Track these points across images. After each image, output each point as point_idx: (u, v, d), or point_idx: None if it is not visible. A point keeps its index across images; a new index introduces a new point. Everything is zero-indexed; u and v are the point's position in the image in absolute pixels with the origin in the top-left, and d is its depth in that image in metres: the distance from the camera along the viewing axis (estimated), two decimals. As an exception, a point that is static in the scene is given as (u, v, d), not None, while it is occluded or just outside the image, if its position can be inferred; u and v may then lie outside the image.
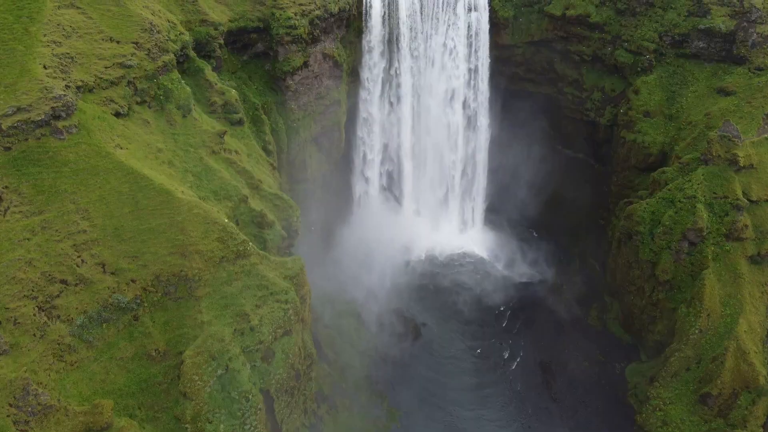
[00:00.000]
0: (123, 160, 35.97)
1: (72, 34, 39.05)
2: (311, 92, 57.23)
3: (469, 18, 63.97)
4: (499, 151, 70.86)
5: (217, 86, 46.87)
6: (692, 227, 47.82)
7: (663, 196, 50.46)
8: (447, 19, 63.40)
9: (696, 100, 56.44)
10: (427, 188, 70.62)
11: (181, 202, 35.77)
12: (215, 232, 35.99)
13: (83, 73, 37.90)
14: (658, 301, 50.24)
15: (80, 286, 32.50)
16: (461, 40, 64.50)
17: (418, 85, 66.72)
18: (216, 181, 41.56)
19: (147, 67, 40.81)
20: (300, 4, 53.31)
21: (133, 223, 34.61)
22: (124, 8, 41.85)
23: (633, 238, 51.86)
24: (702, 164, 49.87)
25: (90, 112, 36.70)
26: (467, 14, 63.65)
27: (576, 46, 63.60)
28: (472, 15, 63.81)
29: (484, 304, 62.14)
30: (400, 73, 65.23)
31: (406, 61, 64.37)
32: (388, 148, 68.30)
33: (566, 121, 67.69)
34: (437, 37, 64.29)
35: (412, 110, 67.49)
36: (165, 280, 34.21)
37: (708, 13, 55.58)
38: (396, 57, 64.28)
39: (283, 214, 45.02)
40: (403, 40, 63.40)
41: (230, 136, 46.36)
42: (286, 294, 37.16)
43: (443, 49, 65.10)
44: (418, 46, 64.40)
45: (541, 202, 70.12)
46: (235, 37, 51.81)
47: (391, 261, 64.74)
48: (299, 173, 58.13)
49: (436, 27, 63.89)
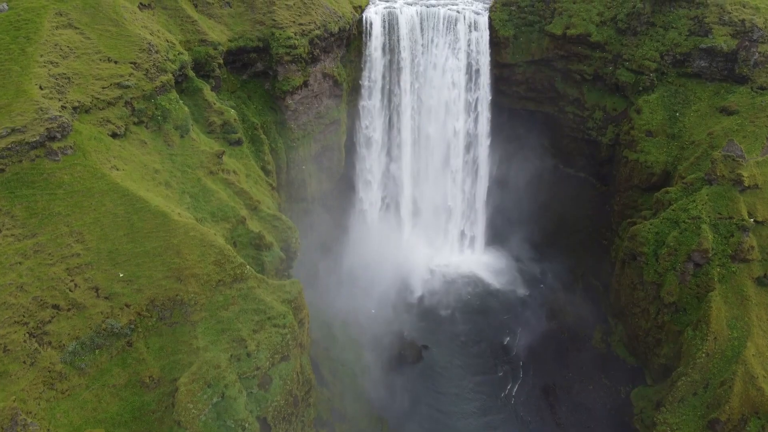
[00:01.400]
0: (119, 181, 35.36)
1: (69, 55, 38.70)
2: (311, 111, 56.87)
3: (470, 37, 63.89)
4: (499, 169, 70.44)
5: (215, 106, 46.47)
6: (697, 248, 47.04)
7: (667, 216, 49.75)
8: (447, 38, 63.30)
9: (698, 119, 56.01)
10: (427, 207, 69.97)
11: (177, 224, 35.08)
12: (212, 255, 35.25)
13: (80, 93, 37.46)
14: (664, 323, 49.29)
15: (73, 311, 31.69)
16: (462, 59, 64.34)
17: (418, 104, 66.45)
18: (214, 202, 40.95)
19: (145, 87, 40.41)
20: (300, 24, 53.12)
21: (127, 246, 33.89)
22: (122, 28, 41.57)
23: (637, 259, 51.06)
24: (706, 184, 49.25)
25: (86, 132, 36.18)
26: (468, 33, 63.56)
27: (577, 65, 63.35)
28: (473, 34, 63.72)
29: (486, 326, 61.17)
30: (401, 92, 64.98)
31: (407, 80, 64.15)
32: (388, 167, 67.83)
33: (567, 140, 67.25)
34: (438, 57, 64.13)
35: (413, 129, 67.14)
36: (160, 304, 33.40)
37: (709, 32, 55.35)
38: (396, 76, 64.07)
39: (281, 235, 44.32)
40: (404, 60, 63.26)
41: (228, 157, 45.89)
42: (284, 318, 36.31)
43: (443, 68, 64.91)
44: (418, 65, 64.24)
45: (543, 221, 69.48)
46: (235, 56, 51.53)
47: (391, 281, 63.88)
48: (298, 193, 57.57)
49: (437, 46, 63.76)
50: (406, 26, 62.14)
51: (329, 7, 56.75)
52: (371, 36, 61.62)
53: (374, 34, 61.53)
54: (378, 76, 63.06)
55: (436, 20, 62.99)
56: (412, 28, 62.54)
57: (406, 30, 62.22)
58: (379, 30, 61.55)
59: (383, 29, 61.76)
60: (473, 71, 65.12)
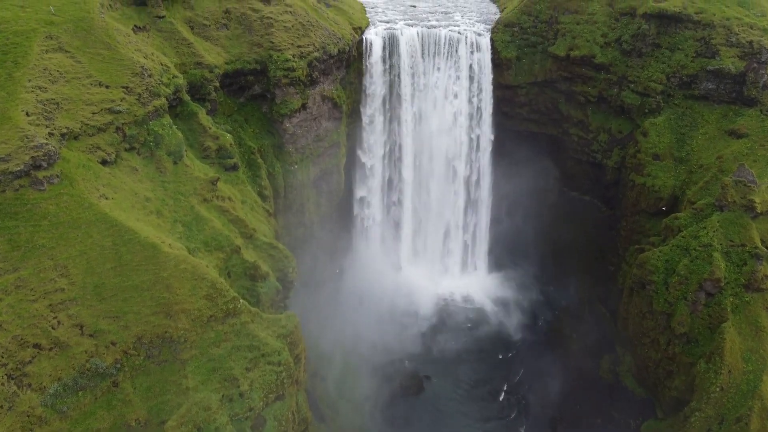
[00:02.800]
0: (107, 211, 33.87)
1: (59, 79, 37.42)
2: (309, 134, 55.54)
3: (472, 58, 62.78)
4: (502, 192, 68.88)
5: (211, 130, 45.12)
6: (709, 277, 45.37)
7: (677, 243, 48.16)
8: (449, 59, 62.22)
9: (707, 142, 54.66)
10: (428, 231, 68.41)
11: (168, 256, 33.51)
12: (203, 288, 33.64)
13: (69, 119, 36.10)
14: (675, 354, 47.46)
15: (55, 350, 30.03)
16: (463, 80, 63.18)
17: (419, 126, 65.15)
18: (207, 231, 39.41)
19: (137, 113, 39.08)
20: (298, 46, 51.99)
21: (115, 280, 32.31)
22: (114, 52, 40.35)
23: (646, 287, 49.37)
24: (717, 210, 47.71)
25: (74, 160, 34.77)
26: (469, 55, 62.45)
27: (581, 87, 62.15)
28: (475, 55, 62.61)
29: (489, 355, 59.24)
30: (401, 114, 63.75)
31: (407, 101, 62.96)
32: (388, 190, 66.41)
33: (572, 163, 65.87)
34: (439, 78, 62.99)
35: (413, 151, 65.77)
36: (148, 342, 31.73)
37: (717, 54, 54.20)
38: (397, 98, 62.90)
39: (278, 264, 42.74)
40: (404, 81, 62.12)
41: (224, 183, 44.42)
42: (279, 355, 34.59)
43: (445, 89, 63.76)
44: (419, 86, 63.09)
45: (547, 245, 67.84)
46: (232, 79, 50.30)
47: (391, 308, 62.10)
48: (297, 218, 56.03)
49: (438, 68, 62.64)
50: (406, 48, 61.09)
51: (328, 28, 55.71)
52: (371, 58, 60.54)
53: (374, 55, 60.45)
54: (378, 98, 61.90)
55: (438, 41, 61.92)
56: (412, 49, 61.48)
57: (406, 51, 61.16)
58: (380, 51, 60.49)
59: (383, 51, 60.70)
60: (475, 93, 63.93)
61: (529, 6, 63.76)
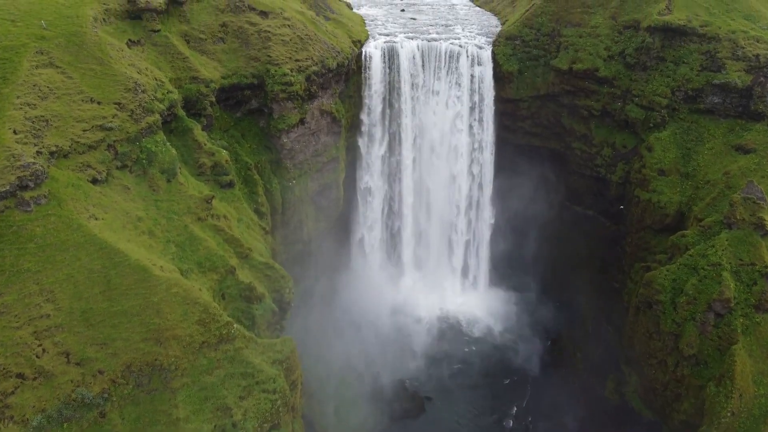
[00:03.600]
0: (96, 232, 32.66)
1: (49, 95, 36.34)
2: (308, 149, 54.44)
3: (473, 71, 61.91)
4: (504, 206, 67.79)
5: (206, 147, 44.02)
6: (718, 298, 44.06)
7: (684, 262, 46.89)
8: (450, 73, 61.31)
9: (713, 157, 53.53)
10: (428, 246, 67.25)
11: (159, 280, 32.26)
12: (195, 313, 32.35)
13: (58, 137, 34.98)
14: (683, 376, 46.05)
15: (39, 380, 28.71)
16: (464, 94, 62.30)
17: (420, 140, 64.25)
18: (201, 251, 38.17)
19: (129, 129, 37.96)
20: (296, 60, 51.01)
21: (103, 305, 31.03)
22: (107, 67, 39.30)
23: (653, 307, 48.04)
24: (725, 228, 46.49)
25: (63, 179, 33.61)
26: (470, 68, 61.58)
27: (584, 101, 61.13)
28: (476, 69, 61.73)
29: (491, 374, 57.86)
30: (401, 128, 62.83)
31: (408, 115, 62.02)
32: (388, 205, 65.30)
33: (575, 177, 64.71)
34: (440, 92, 62.10)
35: (414, 165, 64.78)
36: (137, 370, 30.40)
37: (723, 67, 53.20)
38: (397, 111, 62.00)
39: (274, 285, 41.46)
40: (405, 95, 61.23)
41: (219, 200, 43.27)
42: (274, 382, 33.24)
43: (446, 103, 62.84)
44: (419, 100, 62.17)
45: (550, 261, 66.62)
46: (228, 93, 49.27)
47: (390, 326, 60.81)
48: (294, 234, 54.82)
49: (439, 81, 61.76)
50: (406, 61, 60.23)
51: (327, 42, 54.77)
52: (371, 71, 59.65)
53: (374, 69, 59.57)
54: (378, 112, 60.99)
55: (438, 54, 61.09)
56: (413, 62, 60.63)
57: (406, 64, 60.30)
58: (379, 65, 59.62)
59: (383, 64, 59.85)
60: (476, 106, 63.00)
61: (531, 19, 62.93)
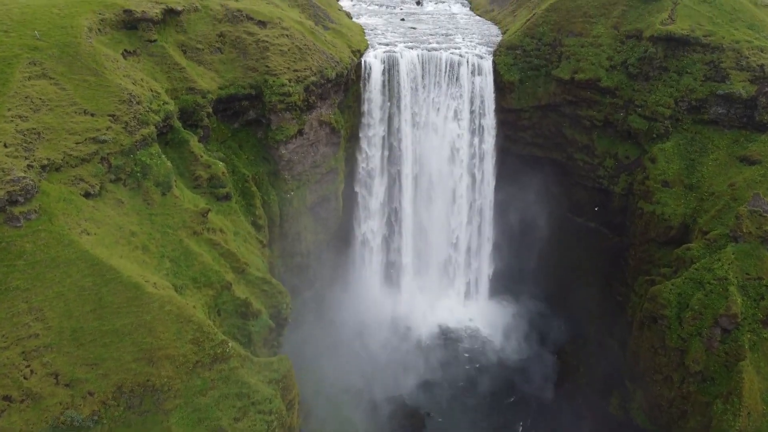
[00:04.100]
0: (88, 248, 31.80)
1: (41, 107, 35.62)
2: (306, 161, 53.65)
3: (473, 81, 61.25)
4: (505, 218, 66.94)
5: (202, 159, 43.20)
6: (725, 313, 43.17)
7: (690, 276, 46.02)
8: (450, 83, 60.65)
9: (717, 169, 52.74)
10: (428, 257, 66.33)
11: (152, 297, 31.37)
12: (189, 332, 31.44)
13: (50, 150, 34.20)
14: (689, 393, 45.08)
15: (27, 402, 27.77)
16: (465, 104, 61.62)
17: (419, 150, 63.47)
18: (196, 266, 37.28)
19: (123, 142, 37.16)
20: (295, 70, 50.30)
21: (94, 323, 30.13)
22: (102, 78, 38.57)
23: (658, 321, 47.14)
24: (731, 241, 45.67)
25: (54, 194, 32.79)
26: (471, 78, 60.92)
27: (586, 111, 60.41)
28: (476, 79, 61.07)
29: (493, 389, 56.76)
30: (401, 138, 62.08)
31: (408, 125, 61.31)
32: (387, 215, 64.46)
33: (577, 188, 63.92)
34: (440, 102, 61.42)
35: (414, 175, 63.97)
36: (128, 391, 29.45)
37: (727, 78, 52.52)
38: (396, 121, 61.27)
39: (271, 300, 40.57)
40: (404, 104, 60.54)
41: (215, 213, 42.41)
42: (270, 403, 32.29)
43: (446, 113, 62.14)
44: (419, 110, 61.48)
45: (552, 273, 65.68)
46: (225, 104, 48.52)
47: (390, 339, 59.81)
48: (293, 246, 53.93)
49: (439, 91, 61.09)
50: (406, 70, 59.57)
51: (326, 51, 54.11)
52: (371, 81, 59.00)
53: (374, 78, 58.93)
54: (377, 122, 60.29)
55: (438, 64, 60.44)
56: (413, 72, 59.97)
57: (406, 74, 59.64)
58: (379, 75, 58.97)
59: (383, 74, 59.19)
60: (477, 116, 62.30)
61: (532, 28, 62.34)
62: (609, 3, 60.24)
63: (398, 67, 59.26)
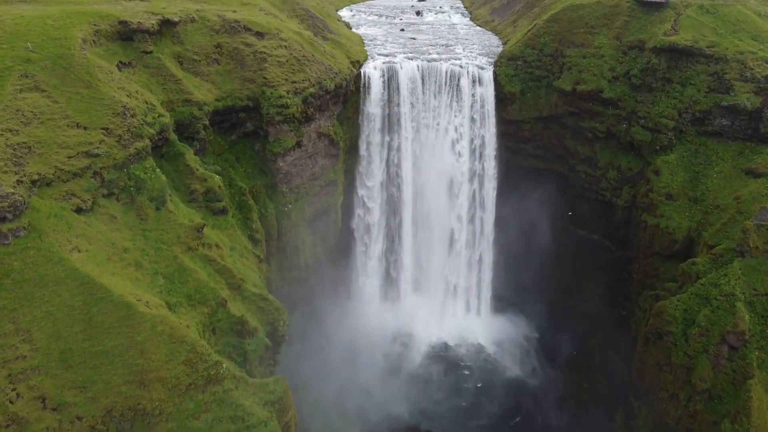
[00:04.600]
0: (78, 266, 30.88)
1: (33, 121, 34.81)
2: (305, 173, 52.83)
3: (474, 92, 60.55)
4: (506, 230, 66.00)
5: (198, 172, 42.37)
6: (732, 330, 42.17)
7: (696, 291, 45.06)
8: (450, 94, 59.95)
9: (722, 181, 51.89)
10: (429, 271, 65.31)
11: (144, 317, 30.42)
12: (182, 353, 30.47)
13: (41, 164, 33.35)
14: (696, 412, 43.96)
15: (13, 427, 26.75)
16: (465, 115, 60.91)
17: (419, 162, 62.65)
18: (191, 283, 36.35)
19: (117, 156, 36.32)
20: (293, 82, 49.59)
21: (83, 344, 29.17)
22: (95, 90, 37.79)
23: (663, 338, 46.12)
24: (738, 256, 44.72)
25: (45, 209, 31.89)
26: (472, 89, 60.23)
27: (588, 123, 59.66)
28: (477, 90, 60.38)
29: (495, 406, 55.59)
30: (401, 150, 61.34)
31: (408, 137, 60.58)
32: (387, 228, 63.57)
33: (579, 200, 63.04)
34: (440, 113, 60.69)
35: (414, 188, 63.13)
36: (118, 415, 28.46)
37: (731, 89, 51.79)
38: (396, 133, 60.57)
39: (267, 317, 39.60)
40: (404, 116, 59.82)
41: (211, 228, 41.55)
42: (265, 426, 31.26)
43: (447, 123, 61.39)
44: (419, 121, 60.74)
45: (554, 286, 64.67)
46: (222, 116, 47.75)
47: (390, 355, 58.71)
48: (290, 260, 52.99)
49: (439, 102, 60.38)
50: (406, 81, 58.91)
51: (325, 63, 53.43)
52: (370, 92, 58.31)
53: (373, 89, 58.26)
54: (377, 134, 59.59)
55: (438, 75, 59.78)
56: (412, 83, 59.31)
57: (406, 85, 58.96)
58: (379, 85, 58.32)
59: (382, 85, 58.54)
60: (478, 127, 61.56)
61: (534, 39, 61.73)
62: (611, 14, 59.68)
63: (398, 78, 58.63)
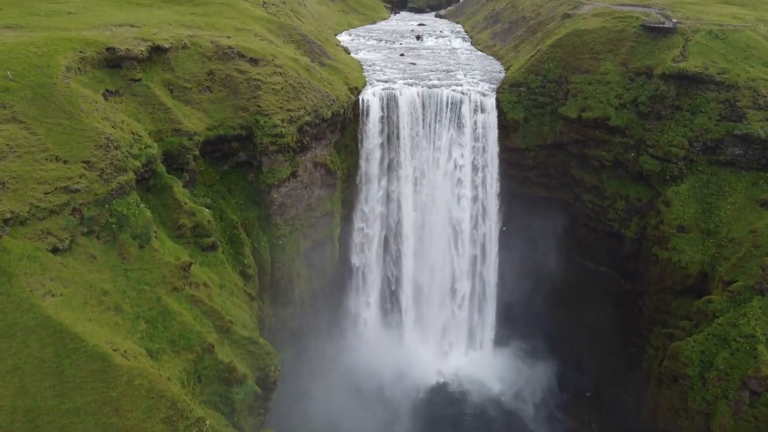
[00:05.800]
0: (51, 313, 28.48)
1: (8, 154, 32.77)
2: (300, 204, 50.63)
3: (476, 119, 58.64)
4: (510, 261, 63.52)
5: (186, 206, 40.13)
6: (754, 375, 39.60)
7: (713, 332, 42.59)
8: (452, 121, 58.03)
9: (736, 213, 49.67)
10: (430, 304, 62.75)
11: (120, 370, 27.94)
12: (161, 409, 27.94)
13: (15, 201, 31.17)
14: (716, 461, 41.21)
15: (-31, 498, 24.16)
16: (467, 142, 58.93)
17: (420, 190, 60.47)
18: (175, 327, 33.90)
19: (98, 191, 34.14)
20: (288, 110, 47.65)
21: (52, 401, 26.66)
22: (77, 121, 35.77)
23: (679, 381, 43.53)
24: (757, 294, 42.34)
25: (17, 251, 29.59)
26: (473, 116, 58.33)
27: (594, 151, 57.63)
28: (479, 117, 58.49)
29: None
30: (401, 179, 59.21)
31: (408, 166, 58.52)
32: (387, 261, 61.21)
33: (586, 231, 60.72)
34: (441, 141, 58.70)
35: (414, 218, 60.86)
36: (89, 481, 25.85)
37: (743, 117, 49.87)
38: (396, 162, 58.53)
39: (258, 362, 37.09)
40: (404, 144, 57.84)
41: (200, 265, 39.24)
42: (252, 489, 28.63)
43: (448, 152, 59.36)
44: (420, 149, 58.74)
45: (560, 320, 62.12)
46: (214, 146, 45.71)
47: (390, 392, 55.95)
48: (285, 295, 50.54)
49: (440, 129, 58.42)
50: (406, 108, 57.02)
51: (322, 89, 51.58)
52: (369, 119, 56.40)
53: (372, 117, 56.35)
54: (376, 163, 57.54)
55: (439, 102, 57.91)
56: (413, 110, 57.40)
57: (406, 112, 57.07)
58: (377, 112, 56.43)
59: (382, 112, 56.65)
60: (480, 155, 59.53)
61: (537, 65, 60.01)
62: (617, 39, 58.04)
63: (397, 105, 56.78)
